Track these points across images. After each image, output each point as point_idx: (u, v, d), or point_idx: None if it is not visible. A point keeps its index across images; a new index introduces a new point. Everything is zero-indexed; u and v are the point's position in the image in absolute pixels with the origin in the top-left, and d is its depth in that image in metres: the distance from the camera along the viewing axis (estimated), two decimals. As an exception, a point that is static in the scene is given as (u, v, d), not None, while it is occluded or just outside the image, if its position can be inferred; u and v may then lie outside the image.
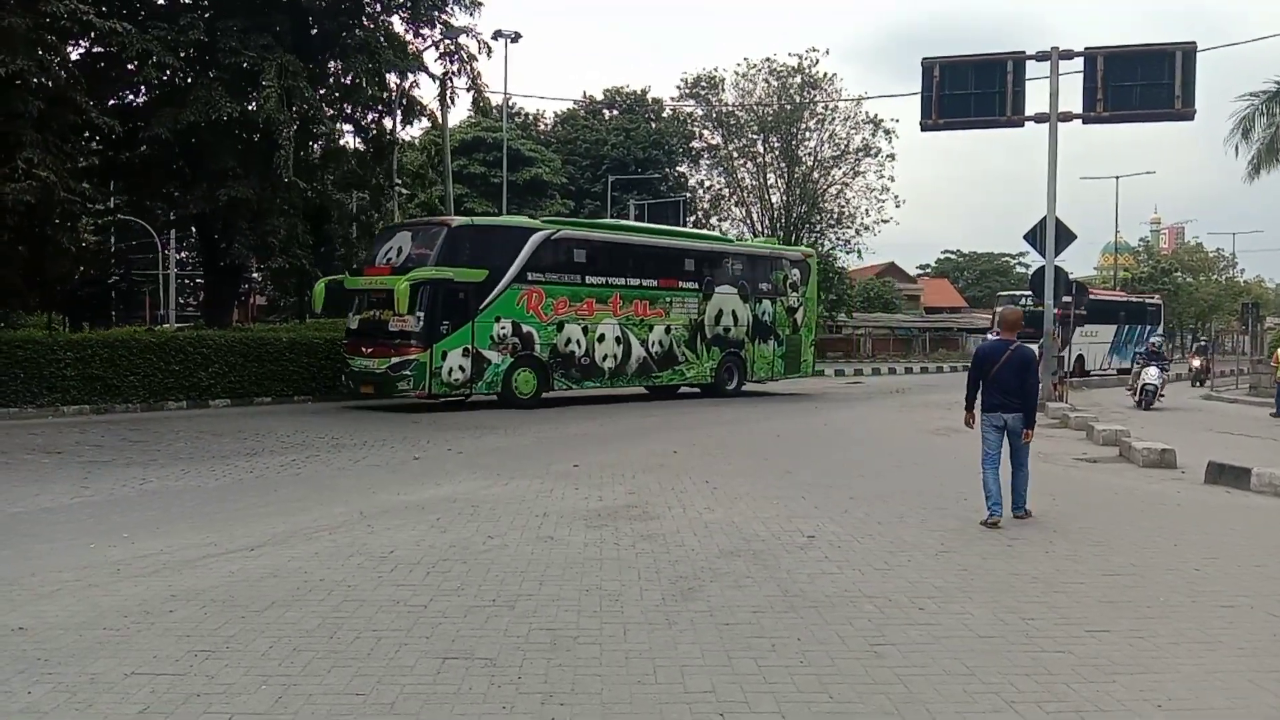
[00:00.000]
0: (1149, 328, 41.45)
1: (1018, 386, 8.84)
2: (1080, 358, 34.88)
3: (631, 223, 33.88)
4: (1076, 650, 5.33)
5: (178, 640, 5.33)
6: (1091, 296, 32.02)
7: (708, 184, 58.70)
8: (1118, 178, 64.03)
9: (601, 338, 21.69)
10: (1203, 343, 49.52)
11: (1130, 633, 5.65)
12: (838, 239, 55.10)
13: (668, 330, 23.04)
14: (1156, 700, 4.66)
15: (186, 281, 47.29)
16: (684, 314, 23.43)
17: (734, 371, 24.70)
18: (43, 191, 17.05)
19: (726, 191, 57.57)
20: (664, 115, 58.87)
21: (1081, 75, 22.05)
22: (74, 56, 21.15)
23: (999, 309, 19.41)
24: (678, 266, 23.60)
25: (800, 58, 52.82)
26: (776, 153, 54.87)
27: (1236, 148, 32.02)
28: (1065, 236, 22.93)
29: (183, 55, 20.57)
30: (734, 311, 24.43)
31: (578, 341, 21.29)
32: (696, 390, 24.43)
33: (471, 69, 25.39)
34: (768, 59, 53.78)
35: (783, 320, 25.79)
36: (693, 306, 23.63)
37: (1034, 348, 11.34)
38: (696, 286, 23.75)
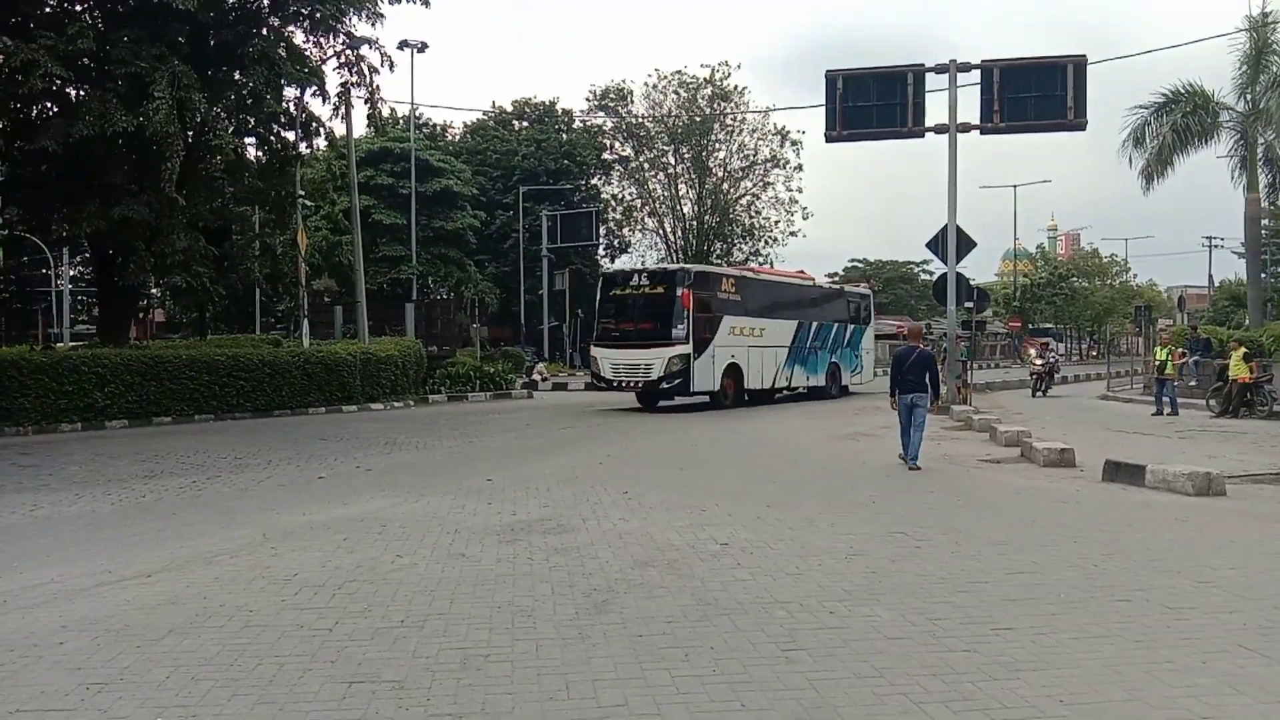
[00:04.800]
0: (854, 329, 31.01)
1: (920, 378, 13.01)
2: (734, 368, 24.40)
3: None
4: (982, 649, 5.43)
5: (68, 673, 5.10)
6: (750, 275, 27.86)
7: (620, 195, 58.88)
8: (1015, 186, 66.36)
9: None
10: (1048, 341, 43.74)
11: (1033, 630, 5.79)
12: (749, 251, 55.75)
13: None
14: (1059, 696, 4.76)
15: (81, 299, 45.59)
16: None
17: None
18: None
19: (639, 203, 57.84)
20: (574, 127, 58.89)
21: (979, 87, 22.72)
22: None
23: (906, 325, 28.59)
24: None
25: (712, 69, 53.49)
26: (687, 164, 55.39)
27: (1130, 157, 33.38)
28: (966, 244, 23.58)
29: (74, 66, 19.78)
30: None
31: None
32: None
33: (371, 80, 24.99)
34: (678, 71, 54.33)
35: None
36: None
37: (932, 350, 15.47)
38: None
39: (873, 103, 23.27)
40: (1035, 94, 22.45)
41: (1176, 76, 32.81)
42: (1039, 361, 32.24)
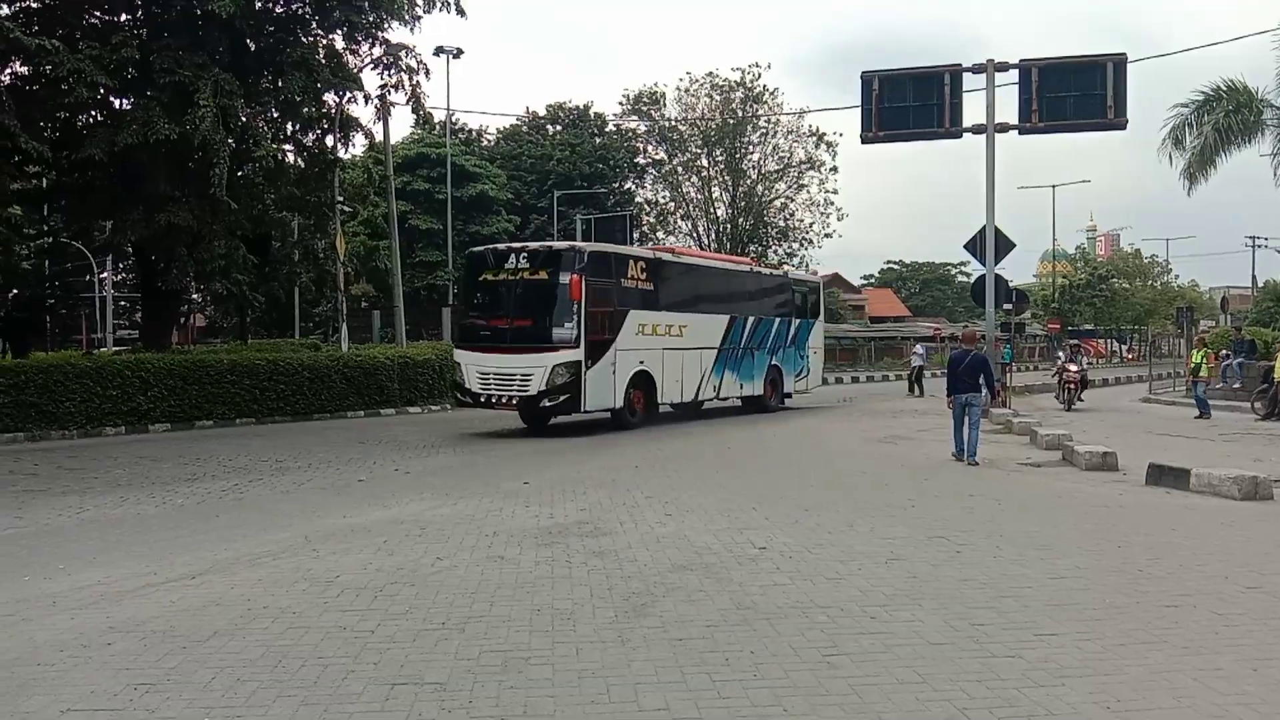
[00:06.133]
0: (800, 324, 25.65)
1: (976, 377, 14.05)
2: (644, 376, 19.41)
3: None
4: (1026, 654, 5.37)
5: (116, 674, 5.18)
6: (667, 257, 21.48)
7: (654, 199, 58.93)
8: (1054, 186, 65.65)
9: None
10: (1078, 343, 37.19)
11: (1078, 635, 5.72)
12: (784, 253, 55.58)
13: None
14: (1105, 702, 4.71)
15: (123, 304, 46.28)
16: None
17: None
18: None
19: (672, 206, 57.86)
20: (608, 131, 59.02)
21: (1017, 87, 22.51)
22: (5, 80, 20.68)
23: (963, 329, 26.05)
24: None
25: (743, 72, 53.40)
26: (721, 166, 55.31)
27: (1170, 156, 32.83)
28: (1005, 245, 23.37)
29: (117, 75, 20.13)
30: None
31: None
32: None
33: (411, 80, 25.22)
34: (710, 73, 54.31)
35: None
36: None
37: (985, 354, 16.27)
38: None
39: (909, 103, 23.13)
40: (1074, 93, 22.22)
41: (1218, 74, 32.05)
42: (1073, 367, 26.01)
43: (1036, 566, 7.43)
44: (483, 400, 18.28)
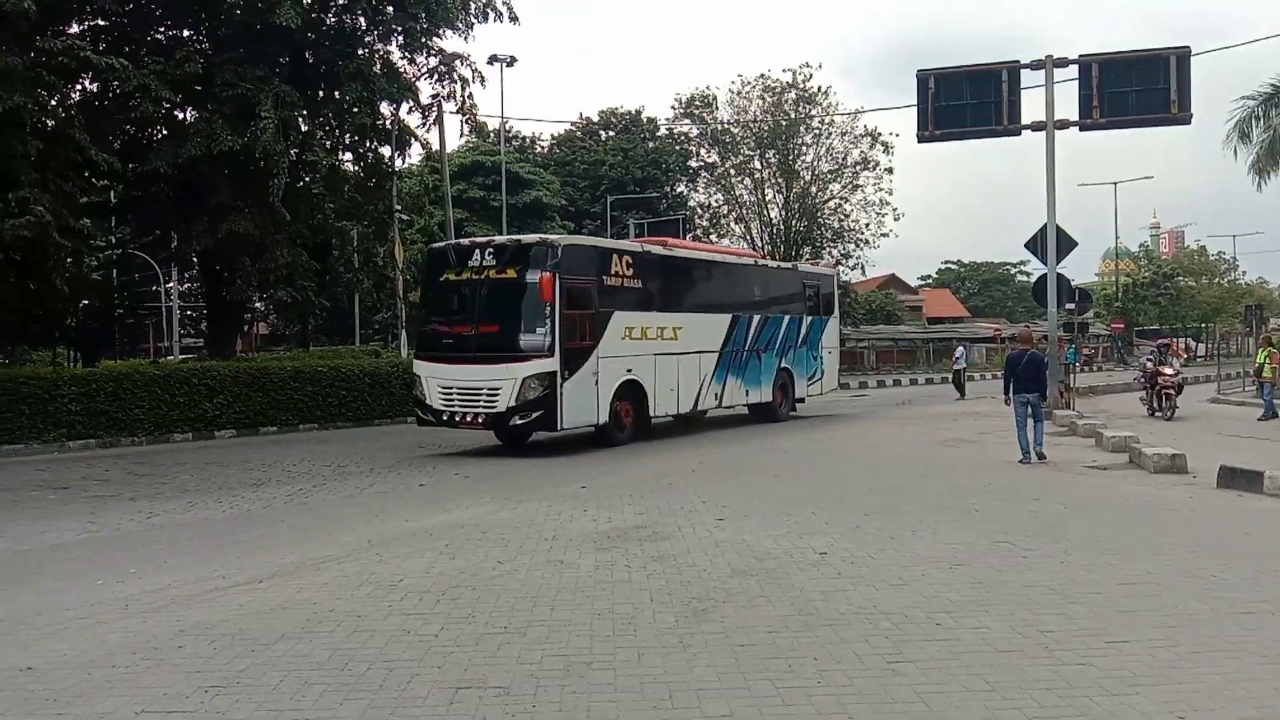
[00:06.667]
0: (812, 321, 23.48)
1: (1034, 377, 14.20)
2: (632, 386, 17.28)
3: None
4: (1097, 662, 5.26)
5: (187, 677, 5.28)
6: (656, 250, 18.93)
7: (706, 202, 58.82)
8: (1115, 183, 64.14)
9: None
10: (1169, 342, 33.68)
11: (1150, 642, 5.59)
12: (839, 254, 55.15)
13: None
14: (1180, 711, 4.59)
15: (189, 313, 47.29)
16: None
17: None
18: (39, 229, 17.06)
19: (725, 209, 57.70)
20: (660, 135, 59.05)
21: (1077, 83, 22.10)
22: (75, 96, 21.29)
23: (1019, 330, 24.59)
24: None
25: (794, 73, 53.13)
26: (774, 168, 55.04)
27: (1235, 150, 32.02)
28: (1066, 244, 22.94)
29: (181, 89, 20.62)
30: None
31: None
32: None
33: (463, 91, 25.50)
34: (762, 75, 54.12)
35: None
36: None
37: (1043, 353, 16.43)
38: None
39: (966, 101, 22.80)
40: (1136, 88, 21.73)
41: (1284, 65, 31.10)
42: (1168, 370, 22.20)
43: (1105, 572, 7.27)
44: (445, 418, 16.19)
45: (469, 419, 15.94)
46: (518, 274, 15.92)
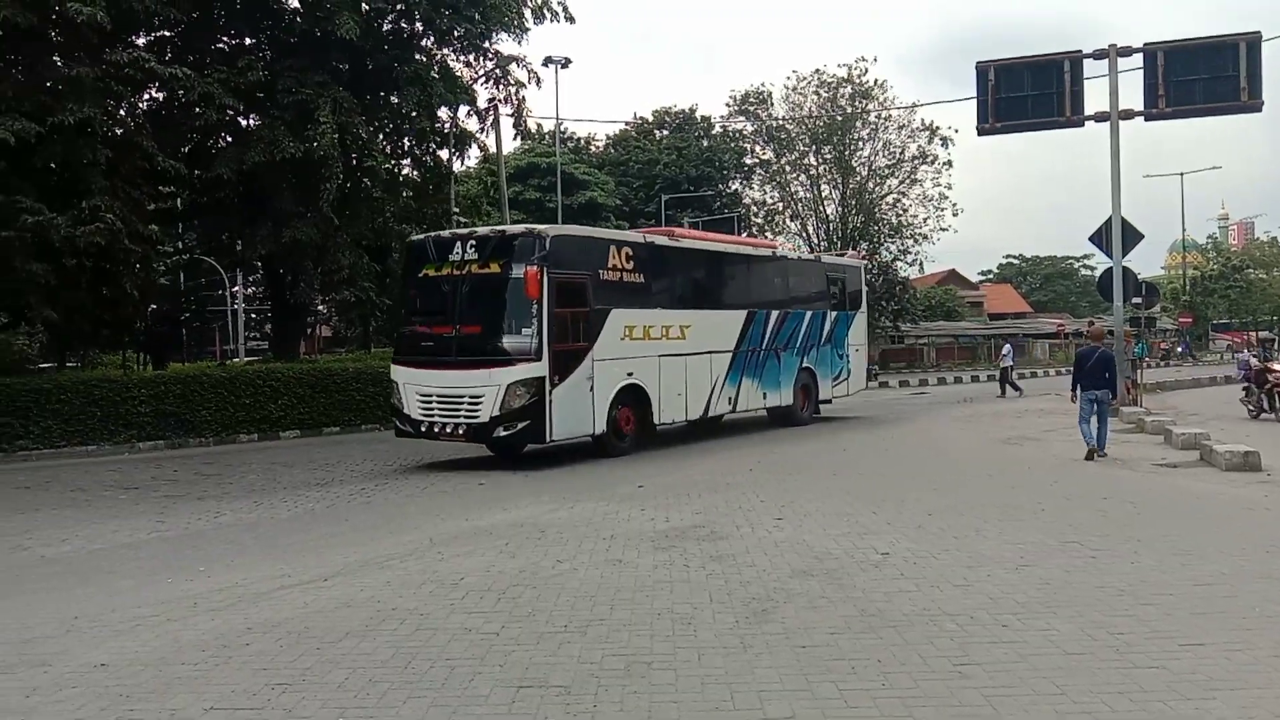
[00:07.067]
0: (837, 316, 22.08)
1: (1102, 374, 14.10)
2: (634, 391, 15.96)
3: None
4: (1171, 665, 5.12)
5: (255, 673, 5.37)
6: (660, 241, 17.69)
7: (762, 199, 58.50)
8: (1182, 174, 62.61)
9: None
10: (1273, 338, 31.84)
11: (1226, 646, 5.43)
12: (897, 249, 54.54)
13: None
14: (1259, 718, 4.45)
15: (254, 316, 48.24)
16: None
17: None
18: (110, 235, 17.51)
19: (781, 206, 57.33)
20: (714, 133, 58.84)
21: (1141, 72, 21.58)
22: (142, 105, 21.81)
23: (1088, 325, 24.19)
24: None
25: (849, 67, 52.63)
26: (829, 164, 54.57)
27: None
28: (1133, 237, 22.40)
29: (243, 96, 21.01)
30: None
31: None
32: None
33: (517, 95, 25.62)
34: (817, 70, 53.64)
35: None
36: None
37: (1112, 351, 15.86)
38: None
39: (1027, 93, 22.36)
40: (1204, 76, 21.15)
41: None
42: (1278, 367, 20.47)
43: (1178, 573, 7.08)
44: (424, 429, 14.83)
45: (449, 430, 14.60)
46: (501, 269, 14.52)
